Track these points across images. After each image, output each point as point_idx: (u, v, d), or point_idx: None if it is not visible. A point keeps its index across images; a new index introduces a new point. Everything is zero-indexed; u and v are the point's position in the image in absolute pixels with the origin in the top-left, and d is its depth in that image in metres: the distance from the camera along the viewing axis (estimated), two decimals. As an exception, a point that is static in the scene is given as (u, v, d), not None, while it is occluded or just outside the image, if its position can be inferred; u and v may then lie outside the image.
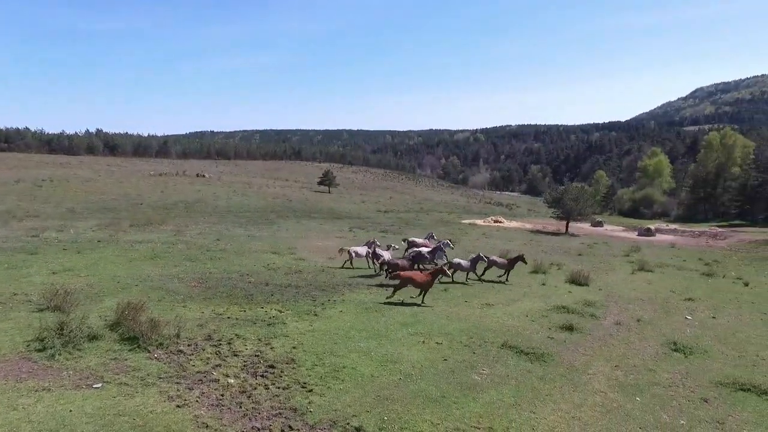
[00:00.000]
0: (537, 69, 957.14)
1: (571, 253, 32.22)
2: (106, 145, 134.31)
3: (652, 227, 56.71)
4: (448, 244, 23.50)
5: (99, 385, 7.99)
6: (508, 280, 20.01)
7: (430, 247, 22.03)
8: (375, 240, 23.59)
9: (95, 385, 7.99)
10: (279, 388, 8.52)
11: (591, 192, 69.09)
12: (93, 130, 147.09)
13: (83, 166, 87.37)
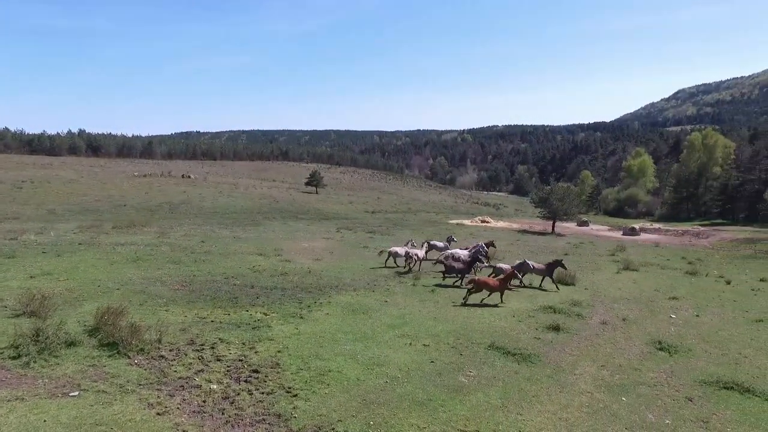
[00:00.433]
0: (523, 70, 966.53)
1: (558, 253, 32.36)
2: (89, 146, 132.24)
3: (636, 226, 57.41)
4: (452, 238, 24.91)
5: (76, 393, 7.75)
6: (541, 286, 19.15)
7: (468, 250, 23.00)
8: (412, 240, 25.12)
9: (72, 394, 7.74)
10: (263, 393, 8.36)
11: (577, 192, 69.79)
12: (75, 130, 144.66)
13: (65, 167, 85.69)
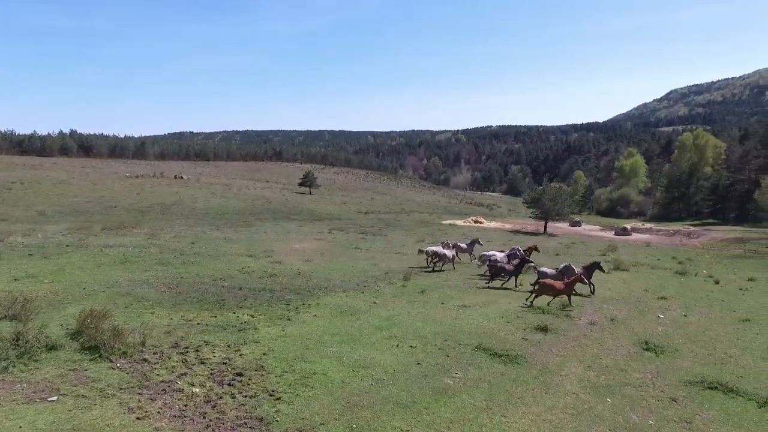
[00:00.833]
0: (518, 71, 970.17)
1: (549, 253, 32.48)
2: (80, 146, 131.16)
3: (628, 226, 57.79)
4: (477, 240, 26.19)
5: (54, 398, 7.64)
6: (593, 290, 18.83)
7: (506, 253, 23.39)
8: (447, 241, 25.98)
9: (50, 399, 7.63)
10: (246, 396, 8.29)
11: (569, 192, 70.13)
12: (67, 130, 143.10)
13: (56, 167, 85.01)
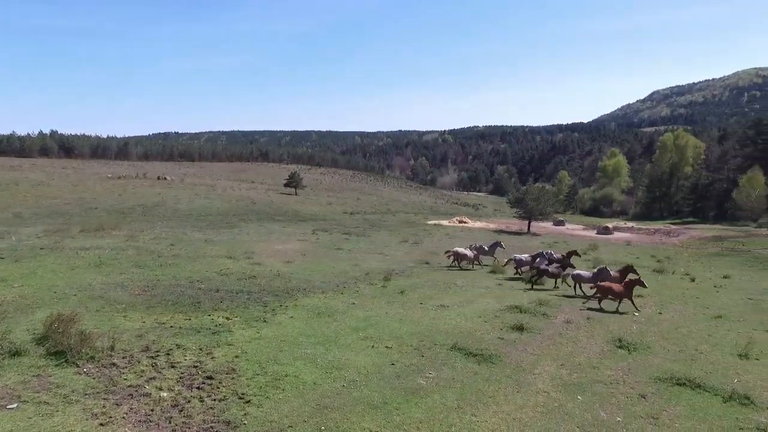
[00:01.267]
0: (504, 71, 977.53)
1: (532, 252, 32.72)
2: (61, 147, 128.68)
3: (610, 225, 58.58)
4: (499, 243, 26.17)
5: (14, 406, 7.46)
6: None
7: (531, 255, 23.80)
8: (474, 243, 26.33)
9: (9, 406, 7.45)
10: (215, 400, 8.19)
11: (552, 192, 70.89)
12: (47, 131, 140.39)
13: (35, 168, 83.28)
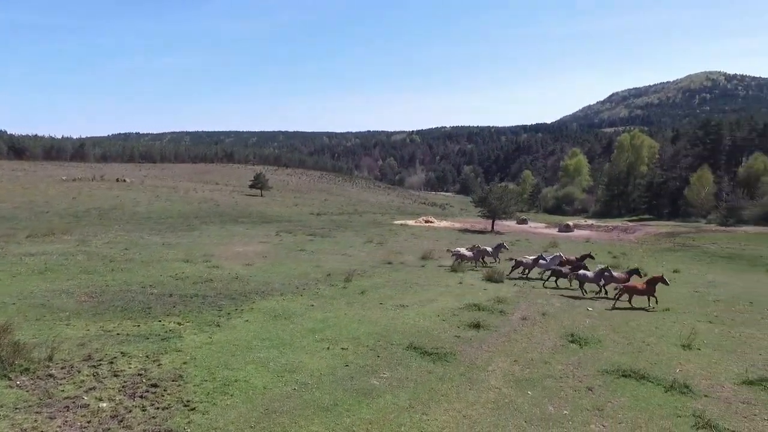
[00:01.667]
0: (471, 72, 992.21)
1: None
2: (11, 148, 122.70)
3: (570, 223, 60.32)
4: (503, 245, 25.79)
5: (-67, 424, 6.98)
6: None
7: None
8: (477, 245, 26.43)
9: (-72, 424, 6.96)
10: (158, 408, 7.90)
11: (516, 191, 72.44)
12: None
13: (-19, 171, 78.94)
